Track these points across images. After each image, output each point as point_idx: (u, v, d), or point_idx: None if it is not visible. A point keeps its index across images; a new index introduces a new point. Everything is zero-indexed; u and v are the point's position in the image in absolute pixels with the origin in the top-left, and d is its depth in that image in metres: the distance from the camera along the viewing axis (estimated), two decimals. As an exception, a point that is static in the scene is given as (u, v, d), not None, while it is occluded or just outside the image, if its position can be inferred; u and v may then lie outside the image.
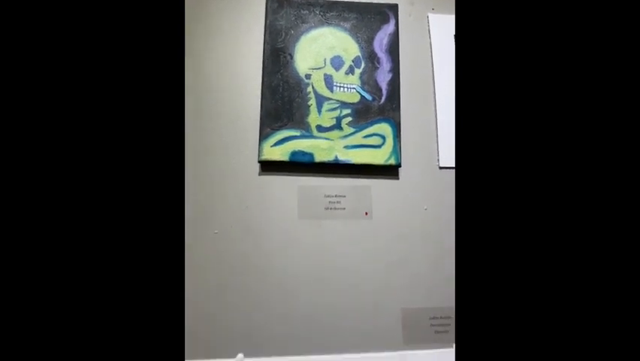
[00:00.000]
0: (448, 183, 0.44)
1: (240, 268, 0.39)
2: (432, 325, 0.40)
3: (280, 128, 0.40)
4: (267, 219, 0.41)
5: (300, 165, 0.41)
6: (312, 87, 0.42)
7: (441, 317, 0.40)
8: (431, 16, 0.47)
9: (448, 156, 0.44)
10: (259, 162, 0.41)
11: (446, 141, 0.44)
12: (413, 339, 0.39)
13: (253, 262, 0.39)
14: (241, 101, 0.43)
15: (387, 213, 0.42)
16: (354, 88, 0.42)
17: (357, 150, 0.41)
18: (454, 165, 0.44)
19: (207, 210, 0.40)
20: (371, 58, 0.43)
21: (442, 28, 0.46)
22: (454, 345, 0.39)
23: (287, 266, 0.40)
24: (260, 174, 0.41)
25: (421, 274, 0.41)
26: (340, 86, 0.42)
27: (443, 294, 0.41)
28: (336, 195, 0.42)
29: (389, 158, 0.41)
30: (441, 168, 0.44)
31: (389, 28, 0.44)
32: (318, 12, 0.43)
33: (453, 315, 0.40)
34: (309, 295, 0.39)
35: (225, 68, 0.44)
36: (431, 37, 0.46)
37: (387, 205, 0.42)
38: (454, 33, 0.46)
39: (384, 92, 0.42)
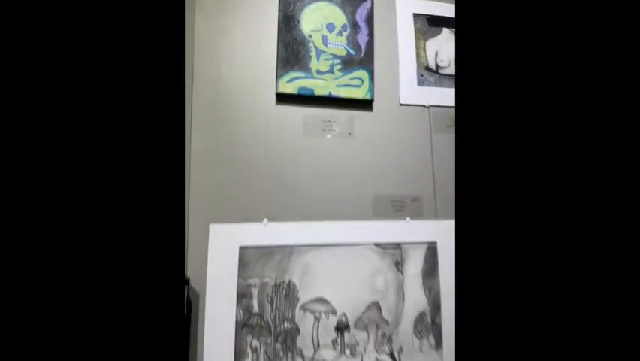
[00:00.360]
0: (405, 114, 0.63)
1: (263, 165, 0.57)
2: (392, 205, 0.59)
3: (291, 70, 0.57)
4: (281, 136, 0.58)
5: (305, 98, 0.58)
6: (313, 44, 0.59)
7: (398, 201, 0.59)
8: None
9: (406, 95, 0.62)
10: (276, 94, 0.58)
11: (404, 85, 0.62)
12: (379, 214, 0.58)
13: (272, 162, 0.57)
14: (261, 53, 0.59)
15: (365, 134, 0.61)
16: (342, 45, 0.60)
17: (345, 88, 0.59)
18: (410, 103, 0.63)
19: (240, 128, 0.57)
20: (354, 25, 0.61)
21: (405, 6, 0.65)
22: (407, 218, 0.59)
23: (295, 166, 0.58)
24: (276, 104, 0.59)
25: (386, 173, 0.60)
26: (333, 44, 0.60)
27: (400, 186, 0.60)
28: (329, 121, 0.60)
29: (366, 94, 0.59)
30: (401, 104, 0.63)
31: (367, 4, 0.62)
32: (317, -9, 0.61)
33: (406, 200, 0.60)
34: (310, 184, 0.57)
35: (249, 30, 0.60)
36: (396, 12, 0.64)
37: (365, 128, 0.61)
38: (413, 11, 0.65)
39: (363, 49, 0.60)
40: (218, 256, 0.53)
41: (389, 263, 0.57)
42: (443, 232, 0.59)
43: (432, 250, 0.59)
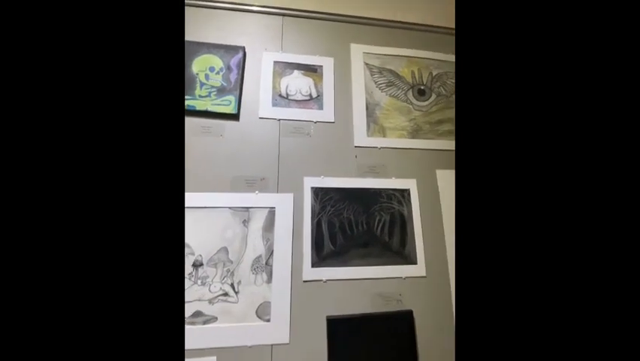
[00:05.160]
0: (263, 124, 0.87)
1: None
2: (246, 183, 0.81)
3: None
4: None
5: (190, 111, 0.84)
6: (199, 78, 0.86)
7: (251, 180, 0.82)
8: (264, 52, 0.94)
9: (263, 112, 0.88)
10: (170, 109, 0.83)
11: (263, 105, 0.88)
12: (236, 188, 0.80)
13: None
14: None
15: (232, 136, 0.85)
16: (218, 80, 0.87)
17: (217, 106, 0.85)
18: (266, 117, 0.88)
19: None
20: (228, 68, 0.88)
21: (268, 57, 0.94)
22: (256, 191, 0.80)
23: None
24: (172, 116, 0.83)
25: (245, 161, 0.83)
26: (211, 79, 0.87)
27: (254, 170, 0.83)
28: (208, 127, 0.84)
29: (232, 110, 0.85)
30: (260, 118, 0.88)
31: (239, 55, 0.91)
32: (206, 47, 0.89)
33: (256, 179, 0.82)
34: (188, 167, 0.80)
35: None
36: (262, 60, 0.93)
37: (232, 132, 0.85)
38: (274, 59, 0.94)
39: (232, 82, 0.87)
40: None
41: (238, 221, 0.77)
42: (280, 201, 0.80)
43: (271, 212, 0.79)
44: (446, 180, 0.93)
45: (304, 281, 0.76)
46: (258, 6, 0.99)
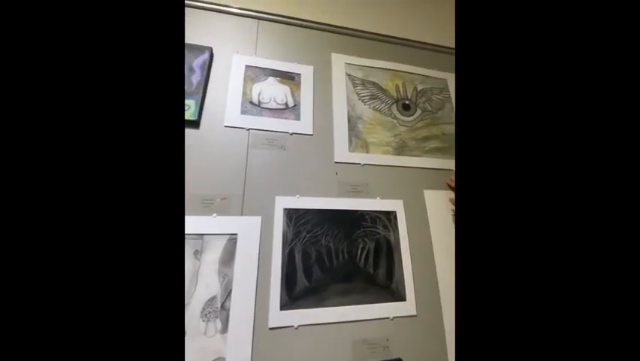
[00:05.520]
0: (229, 133, 0.75)
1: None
2: (202, 203, 0.66)
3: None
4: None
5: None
6: (153, 78, 0.72)
7: (209, 199, 0.67)
8: (235, 55, 0.84)
9: (230, 120, 0.76)
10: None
11: (230, 112, 0.76)
12: (188, 211, 0.65)
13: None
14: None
15: (190, 145, 0.71)
16: (177, 81, 0.74)
17: (173, 110, 0.71)
18: (233, 125, 0.75)
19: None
20: (190, 69, 0.76)
21: (239, 60, 0.83)
22: (214, 214, 0.65)
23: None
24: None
25: (202, 176, 0.69)
26: (169, 79, 0.74)
27: (213, 187, 0.68)
28: (160, 135, 0.70)
29: (191, 116, 0.72)
30: (225, 126, 0.75)
31: (205, 56, 0.79)
32: (164, 44, 0.77)
33: (215, 199, 0.67)
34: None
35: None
36: (232, 63, 0.82)
37: (191, 141, 0.71)
38: (245, 63, 0.83)
39: (194, 85, 0.75)
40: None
41: (188, 251, 0.61)
42: (244, 226, 0.66)
43: (232, 240, 0.64)
44: (434, 202, 0.84)
45: (270, 329, 0.60)
46: (229, 7, 0.90)
